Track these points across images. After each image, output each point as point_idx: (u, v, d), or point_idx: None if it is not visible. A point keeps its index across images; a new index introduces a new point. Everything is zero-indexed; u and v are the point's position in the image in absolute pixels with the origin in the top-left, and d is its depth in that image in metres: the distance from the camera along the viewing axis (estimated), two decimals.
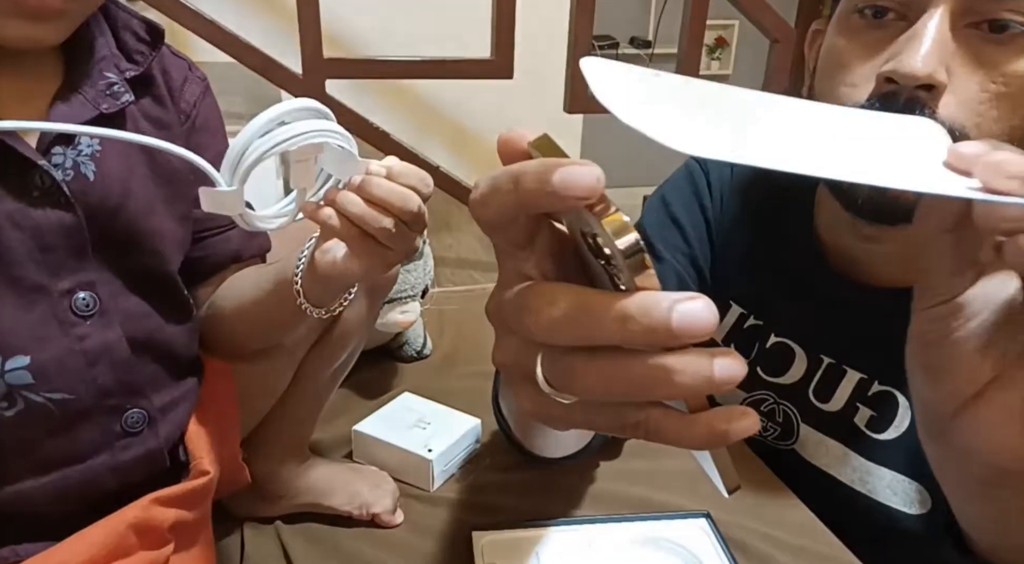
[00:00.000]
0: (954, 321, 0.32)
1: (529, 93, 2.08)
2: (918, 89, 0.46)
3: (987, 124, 0.47)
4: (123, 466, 0.51)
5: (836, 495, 0.64)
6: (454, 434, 0.71)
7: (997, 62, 0.46)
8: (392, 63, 1.59)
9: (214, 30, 1.42)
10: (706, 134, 0.25)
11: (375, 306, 0.62)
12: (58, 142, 0.47)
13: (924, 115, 0.46)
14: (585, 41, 1.61)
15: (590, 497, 0.68)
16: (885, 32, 0.49)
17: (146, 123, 0.54)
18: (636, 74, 0.28)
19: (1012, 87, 0.46)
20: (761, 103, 0.29)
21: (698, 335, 0.22)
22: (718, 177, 0.72)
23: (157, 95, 0.55)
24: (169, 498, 0.52)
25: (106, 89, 0.50)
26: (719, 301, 0.73)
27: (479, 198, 0.25)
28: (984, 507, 0.40)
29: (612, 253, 0.23)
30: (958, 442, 0.34)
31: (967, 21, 0.46)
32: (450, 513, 0.66)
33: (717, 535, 0.61)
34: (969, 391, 0.33)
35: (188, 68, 0.59)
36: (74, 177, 0.48)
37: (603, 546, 0.61)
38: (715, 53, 3.31)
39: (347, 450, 0.73)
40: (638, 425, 0.25)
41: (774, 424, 0.70)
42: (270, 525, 0.64)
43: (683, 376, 0.22)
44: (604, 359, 0.24)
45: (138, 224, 0.51)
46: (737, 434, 0.24)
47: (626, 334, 0.22)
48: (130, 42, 0.53)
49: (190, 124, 0.58)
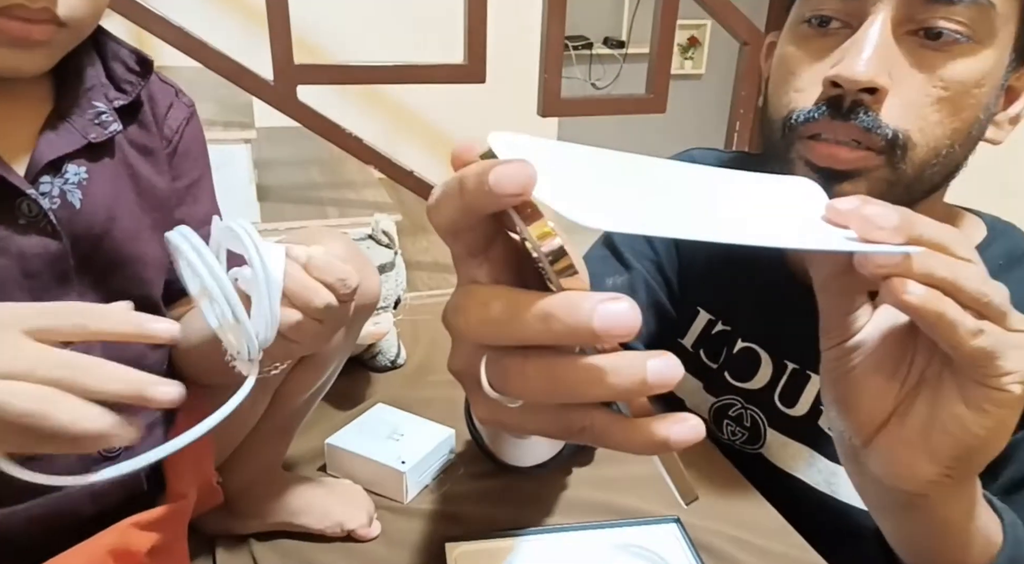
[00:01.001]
0: (854, 358, 0.35)
1: (504, 97, 2.08)
2: (861, 92, 0.48)
3: (930, 128, 0.49)
4: (100, 491, 0.51)
5: (803, 497, 0.66)
6: (428, 445, 0.71)
7: (936, 67, 0.48)
8: (364, 69, 1.59)
9: (181, 36, 1.40)
10: (612, 206, 0.26)
11: (353, 332, 0.61)
12: (46, 171, 0.48)
13: (868, 118, 0.48)
14: (558, 43, 1.62)
15: (562, 505, 0.69)
16: (831, 40, 0.50)
17: (132, 150, 0.54)
18: (542, 147, 0.29)
19: (951, 91, 0.48)
20: (659, 171, 0.31)
21: (621, 335, 0.22)
22: None
23: (143, 121, 0.56)
24: (147, 522, 0.52)
25: (94, 118, 0.51)
26: (688, 307, 0.74)
27: (433, 203, 0.26)
28: (901, 528, 0.43)
29: (539, 256, 0.24)
30: (870, 469, 0.37)
31: (906, 28, 0.48)
32: (424, 524, 0.67)
33: (687, 540, 0.62)
34: (874, 422, 0.35)
35: (175, 94, 0.60)
36: (61, 205, 0.48)
37: (576, 553, 0.61)
38: (688, 53, 3.34)
39: (321, 463, 0.73)
40: (584, 430, 0.26)
41: (742, 429, 0.71)
42: (243, 541, 0.64)
43: (616, 377, 0.23)
44: (538, 360, 0.25)
45: (123, 250, 0.52)
46: (679, 440, 0.24)
47: (551, 333, 0.23)
48: (119, 72, 0.54)
49: (171, 149, 0.58)
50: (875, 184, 0.50)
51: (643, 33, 3.11)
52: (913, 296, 0.30)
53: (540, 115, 1.71)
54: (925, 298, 0.30)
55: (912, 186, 0.51)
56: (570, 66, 3.10)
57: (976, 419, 0.33)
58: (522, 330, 0.24)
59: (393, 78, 1.65)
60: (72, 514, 0.51)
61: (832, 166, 0.50)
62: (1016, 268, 0.56)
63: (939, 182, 0.53)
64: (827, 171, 0.50)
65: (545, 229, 0.24)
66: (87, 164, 0.50)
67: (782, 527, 0.66)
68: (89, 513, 0.51)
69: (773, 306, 0.67)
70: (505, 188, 0.22)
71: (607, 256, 0.74)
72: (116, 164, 0.53)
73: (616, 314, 0.22)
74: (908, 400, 0.35)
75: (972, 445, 0.34)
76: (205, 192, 0.62)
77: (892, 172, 0.49)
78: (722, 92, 2.42)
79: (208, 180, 0.63)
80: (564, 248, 0.24)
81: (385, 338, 0.90)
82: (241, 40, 1.65)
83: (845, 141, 0.49)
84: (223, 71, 1.44)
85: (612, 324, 0.22)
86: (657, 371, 0.23)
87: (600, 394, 0.24)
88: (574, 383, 0.24)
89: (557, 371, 0.24)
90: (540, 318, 0.23)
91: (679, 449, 0.25)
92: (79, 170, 0.49)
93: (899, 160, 0.49)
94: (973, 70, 0.48)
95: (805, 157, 0.51)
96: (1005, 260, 0.57)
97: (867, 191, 0.50)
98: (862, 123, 0.48)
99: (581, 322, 0.22)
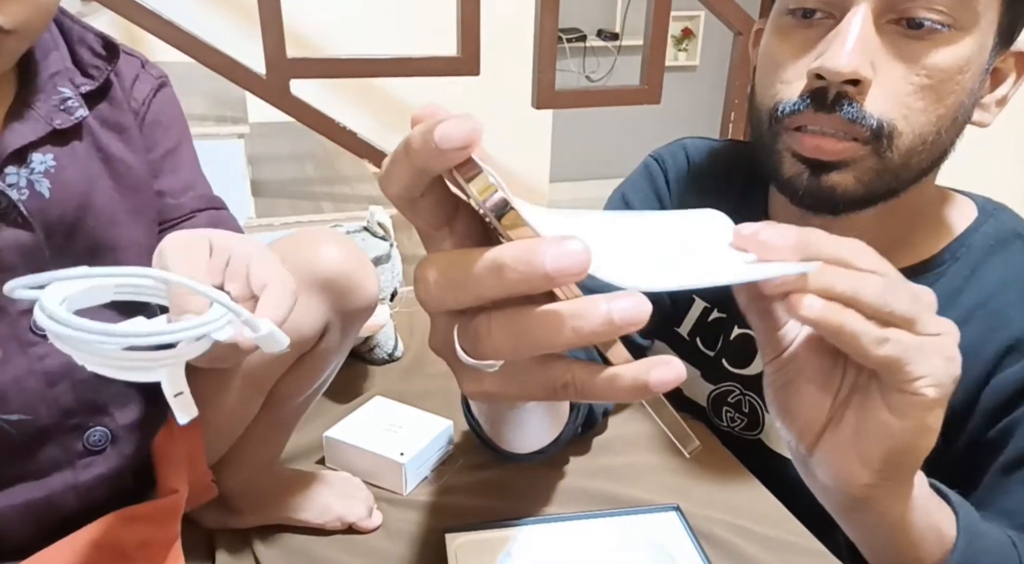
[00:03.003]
0: (789, 371, 0.36)
1: (498, 89, 2.07)
2: (845, 84, 0.48)
3: (914, 115, 0.49)
4: (85, 485, 0.50)
5: (801, 482, 0.66)
6: (426, 437, 0.71)
7: (918, 56, 0.48)
8: (357, 62, 1.58)
9: (172, 30, 1.39)
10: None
11: (350, 335, 0.61)
12: (10, 162, 0.47)
13: (853, 109, 0.48)
14: (551, 35, 1.61)
15: (561, 495, 0.69)
16: (814, 31, 0.51)
17: (104, 130, 0.53)
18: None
19: (934, 79, 0.48)
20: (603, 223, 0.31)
21: (575, 273, 0.22)
22: (675, 173, 0.73)
23: (114, 99, 0.54)
24: (136, 516, 0.51)
25: (59, 104, 0.49)
26: (683, 296, 0.74)
27: (383, 174, 0.26)
28: (854, 529, 0.44)
29: (485, 213, 0.25)
30: (817, 475, 0.38)
31: (888, 18, 0.48)
32: (423, 516, 0.66)
33: (686, 527, 0.62)
34: (813, 431, 0.37)
35: (141, 66, 0.58)
36: (30, 195, 0.47)
37: (575, 543, 0.61)
38: (682, 44, 3.34)
39: (319, 456, 0.73)
40: (567, 385, 0.26)
41: (740, 415, 0.71)
42: (243, 535, 0.64)
43: (579, 320, 0.23)
44: (501, 315, 0.25)
45: (99, 237, 0.51)
46: (659, 381, 0.25)
47: (506, 284, 0.23)
48: (86, 57, 0.52)
49: (140, 120, 0.57)
50: (863, 173, 0.51)
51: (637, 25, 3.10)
52: (810, 310, 0.31)
53: (534, 107, 1.70)
54: (822, 312, 0.31)
55: (899, 173, 0.51)
56: (564, 59, 3.09)
57: (899, 424, 0.34)
58: (477, 286, 0.24)
59: (387, 71, 1.64)
60: (55, 510, 0.50)
61: (819, 157, 0.51)
62: (1006, 248, 0.57)
63: (927, 167, 0.53)
64: (814, 162, 0.51)
65: (486, 184, 0.24)
66: (54, 150, 0.49)
67: (781, 514, 0.66)
68: (73, 508, 0.50)
69: None
70: (451, 141, 0.22)
71: None
72: (86, 148, 0.51)
73: (568, 253, 0.22)
74: (841, 409, 0.36)
75: (899, 450, 0.35)
76: (184, 163, 0.60)
77: (879, 161, 0.50)
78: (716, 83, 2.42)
79: (187, 151, 0.61)
80: (507, 201, 0.24)
81: (382, 331, 0.90)
82: (233, 34, 1.64)
83: (831, 133, 0.50)
84: (215, 66, 1.44)
85: (564, 264, 0.22)
86: (622, 309, 0.23)
87: (568, 339, 0.24)
88: (539, 332, 0.24)
89: (521, 323, 0.24)
90: (493, 270, 0.23)
91: (661, 391, 0.25)
92: (44, 158, 0.48)
93: (885, 149, 0.49)
94: (956, 57, 0.48)
95: (792, 149, 0.52)
96: (995, 240, 0.57)
97: (855, 180, 0.51)
98: (847, 114, 0.48)
99: (534, 267, 0.22)
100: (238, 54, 1.45)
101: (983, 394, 0.54)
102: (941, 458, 0.57)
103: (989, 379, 0.54)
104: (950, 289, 0.56)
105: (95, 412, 0.50)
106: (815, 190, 0.52)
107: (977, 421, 0.54)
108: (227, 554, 0.62)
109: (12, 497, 0.48)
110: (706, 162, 0.72)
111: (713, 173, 0.71)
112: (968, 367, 0.55)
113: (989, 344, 0.54)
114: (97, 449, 0.51)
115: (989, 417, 0.53)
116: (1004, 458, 0.51)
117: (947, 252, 0.57)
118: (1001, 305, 0.54)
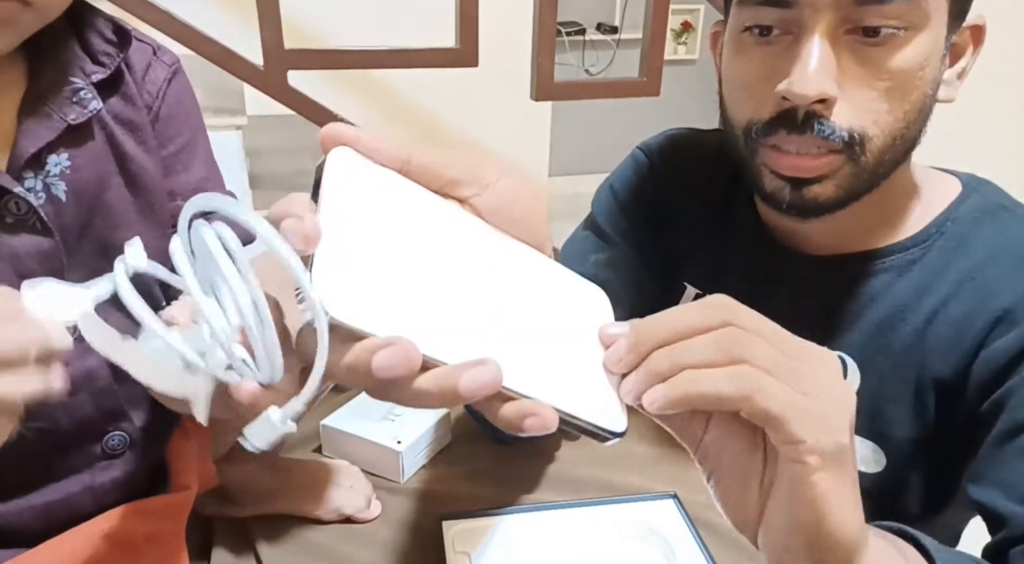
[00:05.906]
0: (714, 463, 0.36)
1: (497, 81, 2.07)
2: (813, 103, 0.49)
3: (882, 118, 0.51)
4: (102, 488, 0.50)
5: None
6: (423, 425, 0.71)
7: (878, 62, 0.49)
8: (356, 53, 1.57)
9: (169, 20, 1.38)
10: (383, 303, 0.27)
11: None
12: (29, 166, 0.45)
13: (823, 126, 0.50)
14: (550, 28, 1.60)
15: (559, 482, 0.69)
16: (773, 48, 0.52)
17: (118, 126, 0.51)
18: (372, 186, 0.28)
19: (896, 81, 0.50)
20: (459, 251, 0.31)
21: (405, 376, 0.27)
22: (663, 164, 0.73)
23: (126, 93, 0.52)
24: (147, 509, 0.51)
25: (72, 96, 0.47)
26: (674, 283, 0.73)
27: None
28: None
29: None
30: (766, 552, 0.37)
31: (844, 29, 0.49)
32: (420, 504, 0.66)
33: (684, 515, 0.62)
34: (749, 523, 0.36)
35: (153, 53, 0.55)
36: (46, 200, 0.46)
37: (573, 530, 0.61)
38: (681, 38, 3.33)
39: (316, 445, 0.73)
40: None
41: None
42: (241, 523, 0.64)
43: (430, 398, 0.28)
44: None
45: (107, 239, 0.49)
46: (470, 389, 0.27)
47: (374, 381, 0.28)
48: (96, 43, 0.50)
49: (153, 115, 0.54)
50: (842, 180, 0.52)
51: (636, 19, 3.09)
52: (657, 402, 0.31)
53: (533, 99, 1.70)
54: (668, 396, 0.31)
55: (875, 171, 0.53)
56: (563, 52, 3.08)
57: (802, 509, 0.33)
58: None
59: (385, 63, 1.63)
60: (72, 512, 0.49)
61: (797, 175, 0.52)
62: (992, 220, 0.57)
63: (900, 158, 0.54)
64: (793, 179, 0.53)
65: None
66: (68, 150, 0.47)
67: None
68: (89, 510, 0.50)
69: (758, 276, 0.67)
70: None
71: (589, 235, 0.74)
72: (100, 144, 0.49)
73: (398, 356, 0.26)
74: (769, 499, 0.35)
75: (812, 536, 0.33)
76: (197, 158, 0.57)
77: (855, 166, 0.51)
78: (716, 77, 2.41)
79: (201, 143, 0.58)
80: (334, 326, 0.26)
81: None
82: (230, 25, 1.63)
83: (806, 151, 0.51)
84: (212, 56, 1.43)
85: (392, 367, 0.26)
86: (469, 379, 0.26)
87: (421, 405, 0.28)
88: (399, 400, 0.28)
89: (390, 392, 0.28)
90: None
91: (474, 399, 0.27)
92: (60, 159, 0.47)
93: (859, 154, 0.51)
94: (915, 56, 0.49)
95: (771, 167, 0.53)
96: (981, 213, 0.58)
97: (835, 187, 0.52)
98: (819, 133, 0.50)
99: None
100: (235, 45, 1.44)
101: (974, 367, 0.54)
102: (941, 436, 0.57)
103: (979, 352, 0.54)
104: (938, 263, 0.57)
105: (114, 418, 0.50)
106: (798, 202, 0.54)
107: (971, 394, 0.54)
108: (225, 542, 0.62)
109: (31, 499, 0.48)
110: (694, 153, 0.72)
111: (701, 164, 0.71)
112: (958, 339, 0.55)
113: (978, 316, 0.54)
114: (116, 453, 0.50)
115: (982, 389, 0.53)
116: (998, 429, 0.51)
117: (932, 226, 0.58)
118: (989, 277, 0.55)
